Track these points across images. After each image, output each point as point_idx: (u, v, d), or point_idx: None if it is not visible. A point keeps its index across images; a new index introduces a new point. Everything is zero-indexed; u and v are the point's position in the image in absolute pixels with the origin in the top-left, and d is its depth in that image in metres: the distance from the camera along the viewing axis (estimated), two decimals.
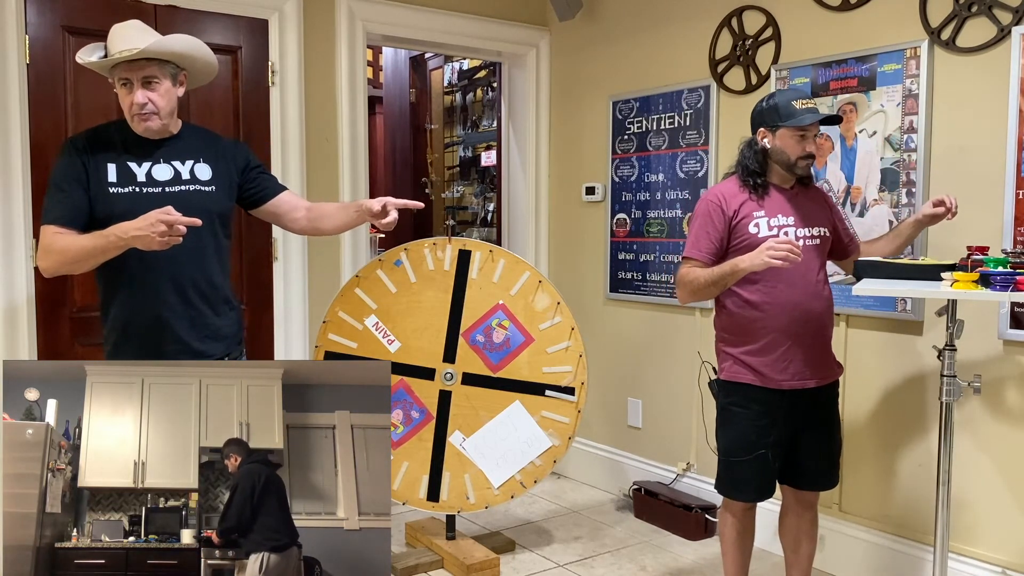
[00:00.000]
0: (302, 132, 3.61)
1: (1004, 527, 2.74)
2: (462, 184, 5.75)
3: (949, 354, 2.41)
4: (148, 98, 2.21)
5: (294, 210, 2.51)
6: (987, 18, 2.69)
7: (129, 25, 2.23)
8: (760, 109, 2.54)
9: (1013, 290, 2.13)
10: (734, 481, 2.58)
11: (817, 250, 2.55)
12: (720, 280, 2.43)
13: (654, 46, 3.83)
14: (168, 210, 2.04)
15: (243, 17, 3.46)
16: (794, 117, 2.44)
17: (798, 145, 2.47)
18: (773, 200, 2.52)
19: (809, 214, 2.55)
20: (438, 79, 5.84)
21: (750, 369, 2.50)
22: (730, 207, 2.50)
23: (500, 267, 3.27)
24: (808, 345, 2.50)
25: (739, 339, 2.53)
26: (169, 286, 2.25)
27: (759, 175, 2.52)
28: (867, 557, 3.07)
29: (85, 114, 3.11)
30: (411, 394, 3.26)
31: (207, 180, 2.32)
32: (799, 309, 2.47)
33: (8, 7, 2.97)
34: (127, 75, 2.20)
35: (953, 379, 2.40)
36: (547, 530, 3.70)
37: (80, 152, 2.23)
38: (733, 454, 2.56)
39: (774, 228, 2.48)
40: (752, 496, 2.58)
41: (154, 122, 2.24)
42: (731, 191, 2.53)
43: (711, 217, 2.50)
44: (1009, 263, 2.25)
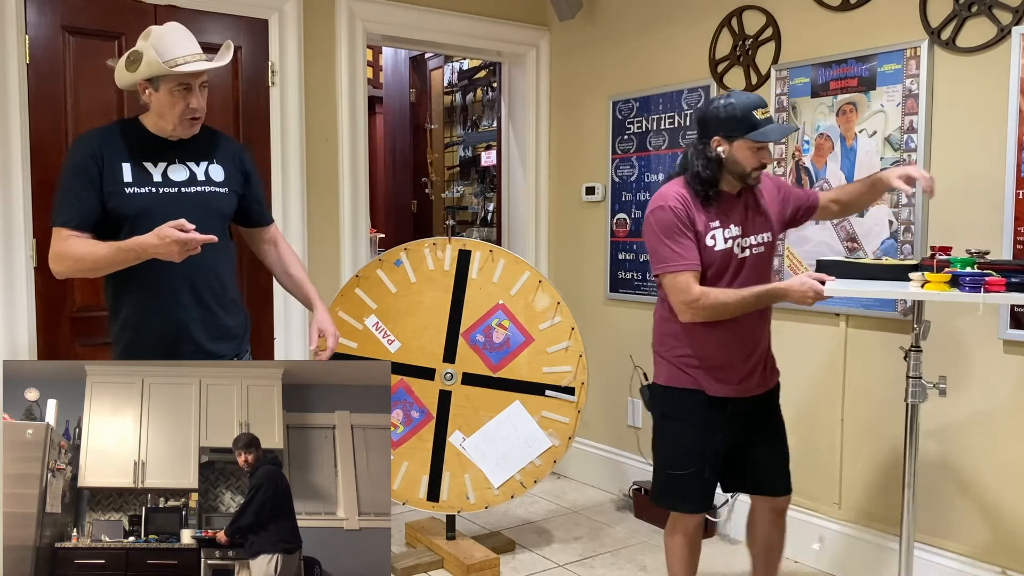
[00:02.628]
0: (302, 132, 3.61)
1: (1005, 527, 2.73)
2: (462, 184, 5.74)
3: (915, 355, 2.37)
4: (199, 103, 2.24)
5: (265, 243, 2.57)
6: (987, 18, 2.69)
7: (176, 28, 2.23)
8: (716, 115, 2.34)
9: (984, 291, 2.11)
10: (677, 492, 2.48)
11: (761, 259, 2.45)
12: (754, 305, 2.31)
13: (654, 46, 3.83)
14: (182, 224, 2.04)
15: (243, 17, 3.46)
16: (756, 129, 2.30)
17: (754, 156, 2.33)
18: (725, 209, 2.39)
19: (754, 220, 2.44)
20: (438, 79, 5.84)
21: (695, 377, 2.42)
22: (692, 213, 2.35)
23: (500, 267, 3.27)
24: (750, 353, 2.45)
25: (680, 344, 2.43)
26: (185, 288, 2.25)
27: (712, 185, 2.36)
28: (867, 557, 3.07)
29: (85, 114, 3.11)
30: (411, 394, 3.26)
31: (220, 181, 2.33)
32: (742, 317, 2.37)
33: (8, 7, 2.97)
34: (190, 80, 2.20)
35: (918, 380, 2.37)
36: (547, 530, 3.70)
37: (93, 151, 2.21)
38: (675, 465, 2.46)
39: (728, 240, 2.38)
40: (697, 506, 2.49)
41: (197, 127, 2.28)
42: (687, 196, 2.37)
43: (682, 223, 2.34)
44: (976, 263, 2.23)
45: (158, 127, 2.26)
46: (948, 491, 2.87)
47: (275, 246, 2.58)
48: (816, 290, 2.22)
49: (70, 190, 2.19)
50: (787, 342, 3.33)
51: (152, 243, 2.05)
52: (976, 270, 2.19)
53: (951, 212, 2.81)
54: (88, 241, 2.16)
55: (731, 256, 2.39)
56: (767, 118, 2.33)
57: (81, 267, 2.17)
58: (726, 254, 2.38)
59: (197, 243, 2.06)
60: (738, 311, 2.32)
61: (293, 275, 2.57)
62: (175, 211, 2.13)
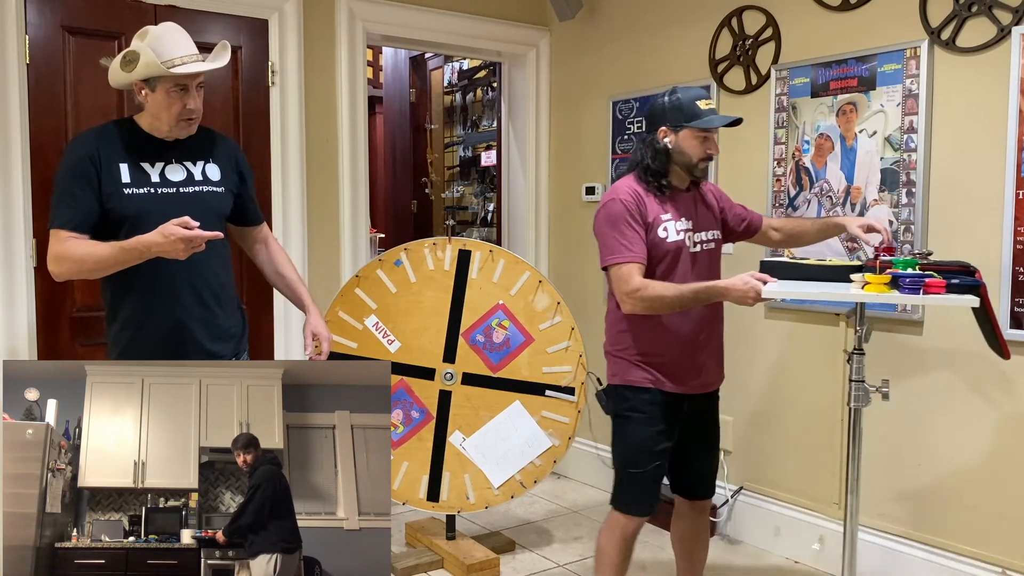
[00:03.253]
0: (302, 132, 3.61)
1: (1006, 527, 2.73)
2: (462, 184, 5.74)
3: (857, 358, 2.35)
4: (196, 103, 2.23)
5: (257, 243, 2.56)
6: (987, 18, 2.69)
7: (173, 29, 2.21)
8: (662, 107, 2.40)
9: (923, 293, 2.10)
10: (634, 494, 2.45)
11: (711, 255, 2.48)
12: (693, 301, 2.29)
13: (654, 46, 3.83)
14: (186, 221, 2.04)
15: (243, 17, 3.46)
16: (699, 118, 2.34)
17: (700, 147, 2.37)
18: (675, 202, 2.42)
19: (703, 217, 2.47)
20: (438, 79, 5.84)
21: (653, 374, 2.41)
22: (643, 207, 2.37)
23: (500, 267, 3.27)
24: (702, 350, 2.45)
25: (635, 342, 2.43)
26: (186, 288, 2.25)
27: (662, 176, 2.39)
28: (867, 557, 3.07)
29: (85, 114, 3.11)
30: (411, 394, 3.26)
31: (217, 181, 2.33)
32: (695, 314, 2.39)
33: (8, 7, 2.97)
34: (187, 81, 2.19)
35: (861, 384, 2.34)
36: (547, 530, 3.70)
37: (89, 152, 2.19)
38: (633, 464, 2.44)
39: (680, 232, 2.39)
40: (646, 510, 2.45)
41: (194, 127, 2.27)
42: (639, 190, 2.39)
43: (631, 215, 2.34)
44: (918, 264, 2.23)
45: (153, 127, 2.25)
46: (951, 491, 2.87)
47: (266, 245, 2.58)
48: (757, 290, 2.20)
49: (67, 191, 2.17)
50: (787, 342, 3.33)
51: (156, 241, 2.05)
52: (917, 271, 2.18)
53: (951, 212, 2.81)
54: (88, 242, 2.15)
55: (683, 249, 2.40)
56: (710, 108, 2.38)
57: (82, 268, 2.16)
58: (678, 246, 2.39)
59: (202, 240, 2.06)
60: (676, 306, 2.31)
61: (284, 275, 2.57)
62: (174, 211, 2.12)
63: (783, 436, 3.38)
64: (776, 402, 3.39)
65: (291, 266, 2.61)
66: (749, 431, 3.51)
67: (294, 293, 2.57)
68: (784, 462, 3.38)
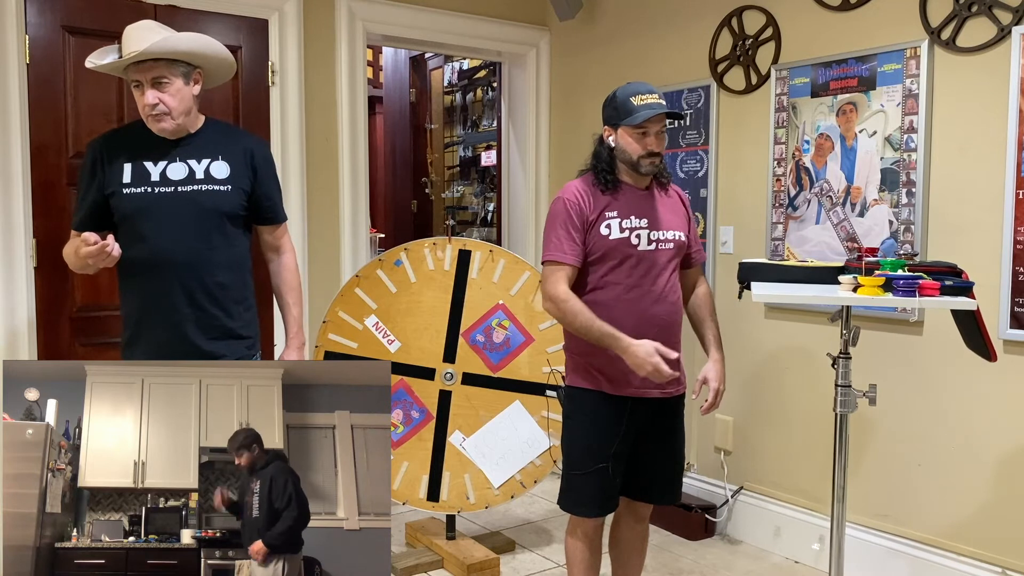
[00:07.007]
0: (302, 132, 3.61)
1: (1006, 527, 2.74)
2: (462, 184, 5.75)
3: (843, 362, 2.32)
4: (159, 98, 2.21)
5: (269, 249, 2.52)
6: (987, 18, 2.69)
7: (141, 26, 2.23)
8: (605, 107, 2.43)
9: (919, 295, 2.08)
10: (578, 495, 2.44)
11: (669, 255, 2.42)
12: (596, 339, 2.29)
13: (654, 46, 3.83)
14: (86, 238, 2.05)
15: (243, 17, 3.46)
16: (632, 115, 2.32)
17: (638, 143, 2.35)
18: (627, 200, 2.40)
19: (664, 217, 2.43)
20: (438, 79, 5.84)
21: (594, 375, 2.40)
22: (587, 205, 2.38)
23: (500, 267, 3.27)
24: None
25: (576, 343, 2.42)
26: (176, 287, 2.25)
27: (608, 172, 2.41)
28: (868, 557, 3.07)
29: (85, 114, 3.11)
30: (411, 394, 3.26)
31: (223, 179, 2.30)
32: (647, 315, 2.36)
33: (8, 7, 2.97)
34: (137, 76, 2.21)
35: (848, 389, 2.31)
36: (547, 530, 3.70)
37: (96, 154, 2.29)
38: (576, 466, 2.43)
39: (626, 230, 2.36)
40: (595, 511, 2.44)
41: (167, 123, 2.24)
42: (586, 189, 2.41)
43: (571, 216, 2.37)
44: (906, 266, 2.20)
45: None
46: (951, 491, 2.87)
47: (278, 256, 2.53)
48: (657, 368, 2.20)
49: (79, 194, 2.32)
50: (788, 342, 3.33)
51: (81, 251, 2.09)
52: (908, 273, 2.16)
53: (951, 212, 2.81)
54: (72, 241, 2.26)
55: (628, 246, 2.37)
56: (645, 104, 2.33)
57: (71, 267, 2.30)
58: (622, 243, 2.36)
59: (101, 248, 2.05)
60: (581, 333, 2.32)
61: (282, 297, 2.54)
62: (169, 210, 2.22)
63: (783, 436, 3.38)
64: (776, 402, 3.39)
65: (294, 291, 2.54)
66: (749, 431, 3.51)
67: (284, 319, 2.55)
68: (784, 462, 3.38)
